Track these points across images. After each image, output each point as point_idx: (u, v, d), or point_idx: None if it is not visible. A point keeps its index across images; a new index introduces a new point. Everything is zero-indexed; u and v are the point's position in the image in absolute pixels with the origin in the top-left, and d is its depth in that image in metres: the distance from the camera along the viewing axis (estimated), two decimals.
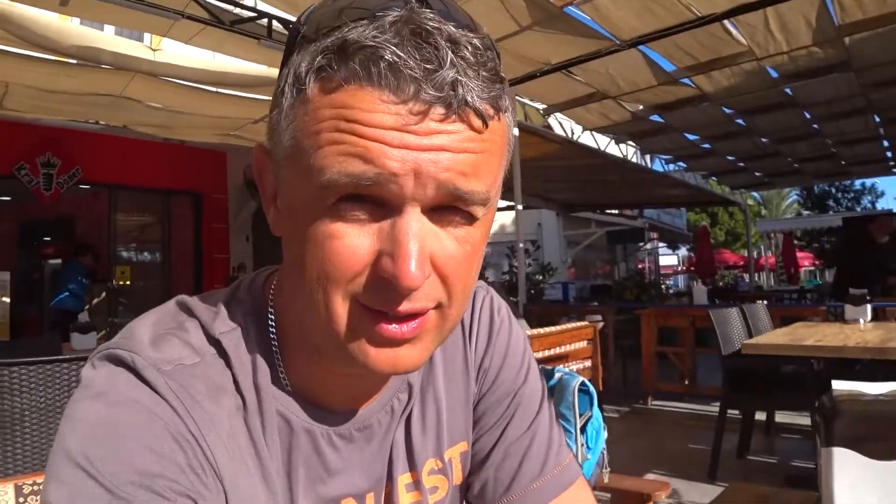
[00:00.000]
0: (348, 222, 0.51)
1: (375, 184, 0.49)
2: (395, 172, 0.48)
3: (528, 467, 0.73)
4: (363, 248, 0.51)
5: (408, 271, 0.49)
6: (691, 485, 3.86)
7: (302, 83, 0.51)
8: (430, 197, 0.50)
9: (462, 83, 0.49)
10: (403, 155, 0.48)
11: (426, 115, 0.48)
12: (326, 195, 0.50)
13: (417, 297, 0.52)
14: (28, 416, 2.06)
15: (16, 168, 7.73)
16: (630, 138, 8.77)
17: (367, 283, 0.52)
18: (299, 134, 0.52)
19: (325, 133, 0.50)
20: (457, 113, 0.49)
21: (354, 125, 0.48)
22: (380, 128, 0.48)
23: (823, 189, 30.28)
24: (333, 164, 0.49)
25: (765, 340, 3.79)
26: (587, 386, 1.86)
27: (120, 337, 0.59)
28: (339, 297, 0.52)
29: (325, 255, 0.51)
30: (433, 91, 0.48)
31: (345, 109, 0.49)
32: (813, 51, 5.52)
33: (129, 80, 5.18)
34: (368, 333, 0.53)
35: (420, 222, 0.51)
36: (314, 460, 0.62)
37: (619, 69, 5.81)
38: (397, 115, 0.48)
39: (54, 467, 0.52)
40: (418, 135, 0.48)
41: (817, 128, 8.16)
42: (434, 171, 0.49)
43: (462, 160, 0.50)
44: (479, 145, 0.51)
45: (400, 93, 0.48)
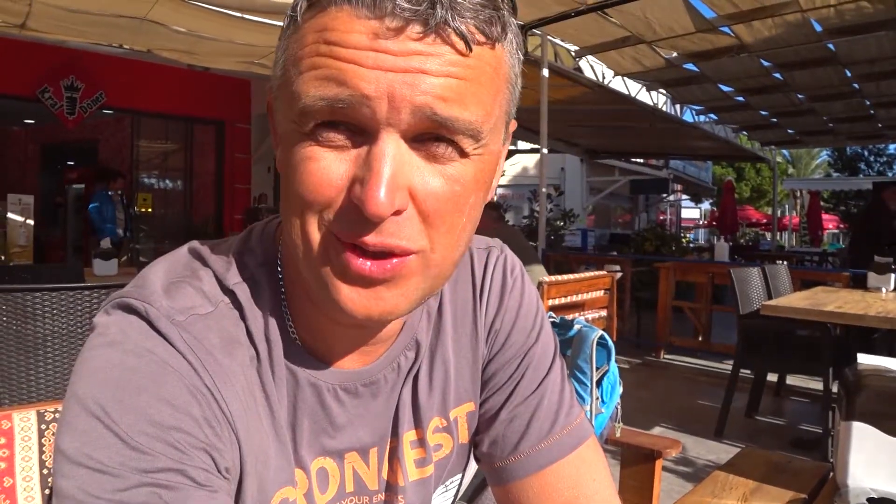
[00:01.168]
0: (325, 147, 0.50)
1: (349, 107, 0.48)
2: (368, 94, 0.47)
3: (536, 426, 0.72)
4: (337, 173, 0.50)
5: (375, 196, 0.47)
6: (698, 441, 3.91)
7: (295, 12, 0.52)
8: (406, 122, 0.48)
9: (442, 2, 0.47)
10: (377, 76, 0.47)
11: (402, 32, 0.47)
12: (304, 121, 0.49)
13: (391, 232, 0.50)
14: (50, 342, 2.09)
15: (40, 91, 7.72)
16: (662, 86, 8.54)
17: (340, 211, 0.50)
18: (288, 63, 0.52)
19: (307, 58, 0.49)
20: (436, 33, 0.47)
21: (333, 47, 0.48)
22: (355, 48, 0.47)
23: (856, 151, 29.51)
24: (310, 88, 0.48)
25: (784, 303, 3.76)
26: (606, 339, 1.86)
27: (133, 285, 0.58)
28: (314, 225, 0.51)
29: (300, 178, 0.51)
30: (409, 5, 0.46)
31: (326, 32, 0.49)
32: (862, 5, 5.28)
33: (153, 3, 5.09)
34: (340, 267, 0.52)
35: (397, 149, 0.49)
36: (319, 414, 0.62)
37: (656, 13, 5.61)
38: (373, 34, 0.47)
39: (68, 414, 0.51)
40: (394, 55, 0.47)
41: (857, 87, 7.89)
42: (409, 94, 0.47)
43: (442, 84, 0.48)
44: (464, 71, 0.49)
45: (377, 10, 0.47)
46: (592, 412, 1.79)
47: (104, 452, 0.49)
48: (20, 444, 0.96)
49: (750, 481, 1.14)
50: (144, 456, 0.49)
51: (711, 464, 3.54)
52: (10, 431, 0.96)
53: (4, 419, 0.96)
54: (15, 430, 0.96)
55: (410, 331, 0.68)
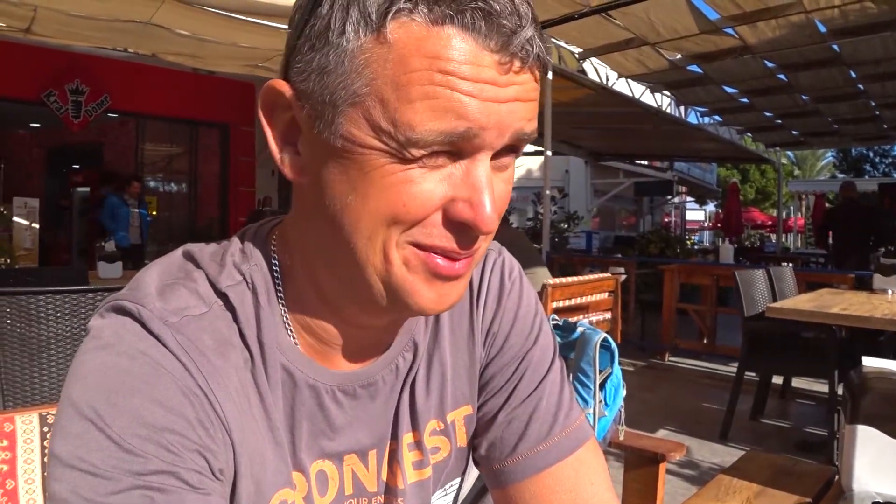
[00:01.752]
0: (424, 168, 0.51)
1: (461, 138, 0.50)
2: (484, 126, 0.50)
3: (534, 429, 0.72)
4: (438, 194, 0.52)
5: (486, 216, 0.52)
6: (702, 443, 3.89)
7: (378, 24, 0.48)
8: (501, 144, 0.52)
9: (535, 39, 0.50)
10: (489, 109, 0.49)
11: (510, 68, 0.50)
12: (413, 149, 0.50)
13: (480, 238, 0.55)
14: (54, 345, 2.10)
15: (45, 94, 7.75)
16: (666, 88, 8.53)
17: (434, 227, 0.53)
18: (380, 82, 0.49)
19: (417, 86, 0.48)
20: (529, 67, 0.51)
21: (450, 78, 0.48)
22: (472, 80, 0.48)
23: (861, 152, 29.43)
24: (426, 121, 0.48)
25: (789, 305, 3.75)
26: (609, 342, 1.85)
27: (127, 288, 0.58)
28: (396, 237, 0.53)
29: (399, 198, 0.51)
30: (519, 45, 0.49)
31: (439, 60, 0.48)
32: (867, 6, 5.26)
33: (158, 6, 5.10)
34: (425, 272, 0.54)
35: (488, 168, 0.53)
36: (318, 416, 0.62)
37: (660, 15, 5.61)
38: (487, 67, 0.49)
39: (62, 418, 0.51)
40: (501, 86, 0.50)
41: (861, 88, 7.87)
42: (511, 122, 0.51)
43: (529, 108, 0.53)
44: (536, 93, 0.54)
45: (490, 43, 0.49)
46: (595, 415, 1.78)
47: (97, 455, 0.49)
48: (22, 446, 0.96)
49: (754, 485, 1.14)
50: (137, 458, 0.49)
51: (716, 467, 3.53)
52: (13, 434, 0.96)
53: (7, 422, 0.96)
54: (17, 433, 0.96)
55: (408, 333, 0.68)
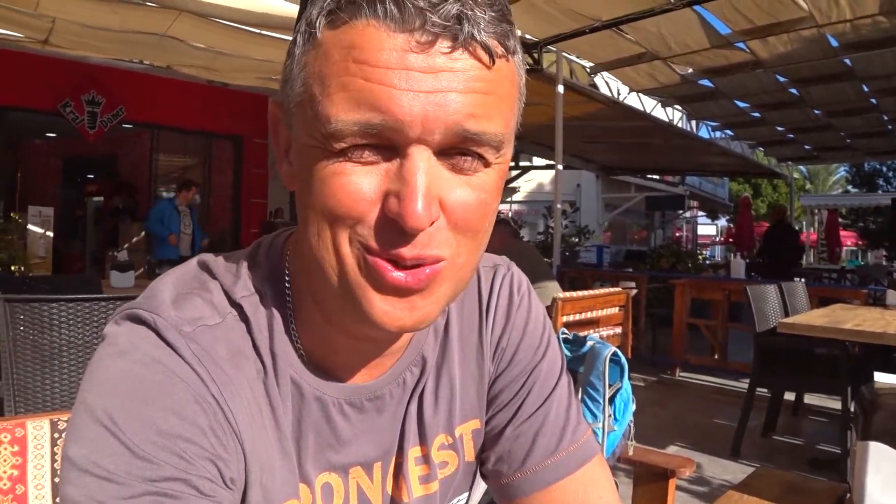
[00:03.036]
0: (355, 163, 0.50)
1: (382, 130, 0.48)
2: (401, 119, 0.48)
3: (542, 443, 0.72)
4: (370, 188, 0.50)
5: (414, 210, 0.48)
6: (713, 460, 3.85)
7: (313, 27, 0.51)
8: (438, 140, 0.49)
9: (468, 16, 0.48)
10: (410, 99, 0.47)
11: (431, 47, 0.47)
12: (334, 142, 0.49)
13: (425, 244, 0.51)
14: (66, 352, 2.12)
15: (61, 105, 7.83)
16: (677, 102, 8.52)
17: (374, 225, 0.51)
18: (310, 80, 0.51)
19: (335, 77, 0.49)
20: (463, 47, 0.48)
21: (363, 66, 0.48)
22: (386, 67, 0.47)
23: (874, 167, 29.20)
24: (341, 111, 0.48)
25: (802, 320, 3.72)
26: (619, 356, 1.85)
27: (143, 297, 0.59)
28: (345, 239, 0.52)
29: (329, 193, 0.51)
30: (439, 20, 0.47)
31: (353, 49, 0.48)
32: (878, 20, 5.25)
33: (173, 19, 5.17)
34: (374, 280, 0.52)
35: (428, 163, 0.50)
36: (324, 428, 0.62)
37: (671, 29, 5.61)
38: (403, 51, 0.47)
39: (76, 423, 0.52)
40: (424, 72, 0.47)
41: (874, 102, 7.83)
42: (442, 115, 0.48)
43: (471, 101, 0.49)
44: (488, 85, 0.50)
45: (405, 24, 0.47)
46: (605, 429, 1.78)
47: (111, 460, 0.49)
48: (33, 451, 0.97)
49: (765, 501, 1.13)
50: (150, 465, 0.49)
51: (727, 483, 3.49)
52: (24, 439, 0.97)
53: (18, 427, 0.97)
54: (28, 439, 0.97)
55: (417, 346, 0.68)
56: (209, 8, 4.95)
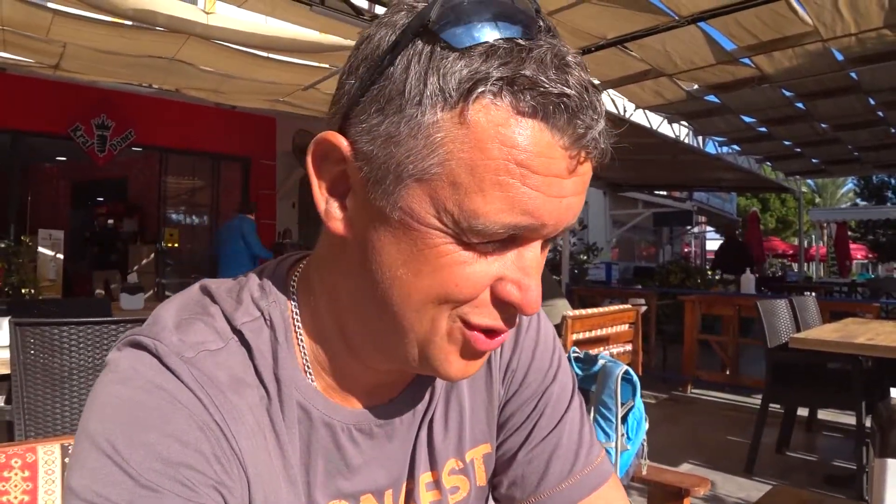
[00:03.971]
0: (479, 253, 0.51)
1: (524, 231, 0.50)
2: (546, 223, 0.50)
3: (555, 467, 0.72)
4: (488, 275, 0.52)
5: (533, 299, 0.52)
6: (727, 478, 3.81)
7: (455, 101, 0.47)
8: (553, 234, 0.53)
9: (602, 130, 0.50)
10: (553, 205, 0.49)
11: (578, 162, 0.50)
12: (474, 237, 0.50)
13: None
14: (76, 375, 2.12)
15: (72, 129, 7.92)
16: (684, 118, 8.52)
17: (481, 305, 0.53)
18: (454, 164, 0.48)
19: (492, 175, 0.47)
20: (592, 157, 0.51)
21: (525, 171, 0.48)
22: (545, 175, 0.48)
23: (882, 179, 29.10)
24: (494, 213, 0.48)
25: (814, 335, 3.69)
26: (630, 375, 1.83)
27: (146, 324, 0.59)
28: (446, 315, 0.53)
29: (451, 280, 0.51)
30: (590, 141, 0.49)
31: (517, 150, 0.47)
32: (883, 33, 5.25)
33: (182, 43, 5.23)
34: (464, 346, 0.55)
35: (538, 253, 0.53)
36: (334, 454, 0.62)
37: (676, 46, 5.63)
38: (559, 159, 0.49)
39: (79, 452, 0.52)
40: (564, 180, 0.50)
41: (882, 115, 7.81)
42: (567, 217, 0.52)
43: (581, 201, 0.52)
44: (587, 183, 0.53)
45: (564, 137, 0.48)
46: (618, 449, 1.76)
47: (113, 490, 0.49)
48: (43, 476, 0.96)
49: None
50: (154, 494, 0.49)
51: (742, 502, 3.45)
52: (35, 465, 0.96)
53: (29, 452, 0.97)
54: (39, 464, 0.97)
55: None
56: (217, 32, 5.01)
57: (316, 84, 6.37)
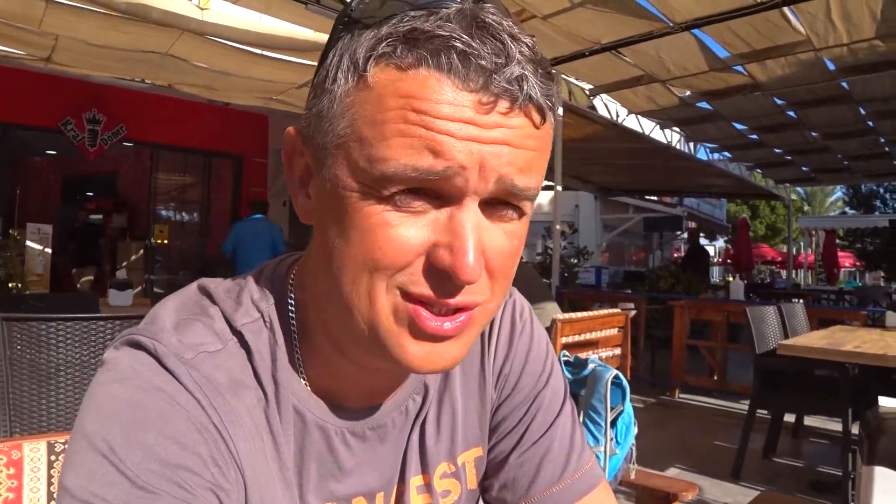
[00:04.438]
0: (403, 212, 0.50)
1: (442, 178, 0.48)
2: (464, 165, 0.48)
3: (546, 471, 0.72)
4: (417, 239, 0.50)
5: (467, 265, 0.49)
6: (714, 482, 3.82)
7: (362, 69, 0.50)
8: (489, 191, 0.50)
9: (527, 78, 0.49)
10: (470, 148, 0.48)
11: (493, 107, 0.48)
12: (387, 185, 0.49)
13: (468, 291, 0.52)
14: (63, 372, 2.10)
15: (62, 123, 7.86)
16: (676, 124, 8.57)
17: (417, 273, 0.51)
18: (359, 122, 0.50)
19: (392, 124, 0.48)
20: (520, 107, 0.49)
21: (424, 117, 0.48)
22: (449, 119, 0.48)
23: (871, 188, 29.35)
24: (400, 156, 0.48)
25: (802, 342, 3.71)
26: (620, 379, 1.84)
27: (143, 323, 0.58)
28: (384, 285, 0.51)
29: (375, 244, 0.50)
30: (504, 83, 0.48)
31: (413, 99, 0.48)
32: (875, 44, 5.29)
33: (175, 39, 5.20)
34: (409, 327, 0.52)
35: (477, 216, 0.50)
36: (327, 457, 0.62)
37: (670, 52, 5.66)
38: (466, 107, 0.48)
39: (75, 451, 0.51)
40: (483, 127, 0.48)
41: (872, 125, 7.88)
42: (497, 164, 0.49)
43: (521, 156, 0.50)
44: (535, 142, 0.51)
45: (470, 83, 0.48)
46: (607, 453, 1.76)
47: (109, 490, 0.48)
48: (29, 474, 0.95)
49: None
50: (150, 495, 0.48)
51: None
52: (20, 462, 0.95)
53: (14, 449, 0.96)
54: (24, 461, 0.96)
55: (419, 375, 0.68)
56: (211, 28, 4.99)
57: (310, 82, 6.35)
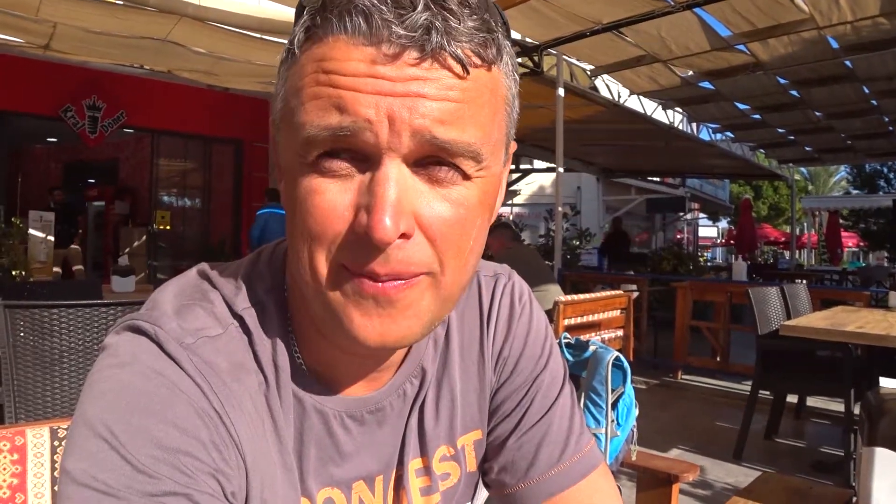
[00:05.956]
0: (328, 177, 0.50)
1: (351, 133, 0.48)
2: (369, 119, 0.47)
3: (545, 454, 0.72)
4: (343, 204, 0.50)
5: (381, 222, 0.47)
6: (716, 463, 3.84)
7: (292, 45, 0.52)
8: (407, 146, 0.48)
9: (436, 26, 0.47)
10: (377, 101, 0.47)
11: (399, 58, 0.47)
12: (308, 150, 0.50)
13: (399, 259, 0.50)
14: (67, 358, 2.11)
15: (62, 110, 7.85)
16: (678, 104, 8.53)
17: (347, 241, 0.50)
18: (288, 94, 0.52)
19: (307, 88, 0.50)
20: (433, 58, 0.48)
21: (331, 76, 0.48)
22: (353, 75, 0.47)
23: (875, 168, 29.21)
24: (313, 117, 0.49)
25: (804, 323, 3.71)
26: (621, 361, 1.84)
27: (144, 308, 0.58)
28: (323, 257, 0.51)
29: (307, 211, 0.50)
30: (405, 32, 0.47)
31: (323, 62, 0.49)
32: (879, 22, 5.25)
33: (174, 24, 5.18)
34: (352, 295, 0.51)
35: (400, 174, 0.49)
36: (326, 442, 0.62)
37: (671, 32, 5.62)
38: (370, 61, 0.47)
39: (75, 436, 0.51)
40: (392, 80, 0.47)
41: (875, 104, 7.83)
42: (408, 117, 0.47)
43: (439, 107, 0.48)
44: (461, 94, 0.49)
45: (373, 38, 0.47)
46: (608, 435, 1.77)
47: (110, 474, 0.48)
48: (32, 460, 0.96)
49: None
50: (151, 479, 0.48)
51: (730, 487, 3.48)
52: (24, 447, 0.96)
53: (18, 435, 0.96)
54: (28, 447, 0.96)
55: (416, 357, 0.68)
56: (210, 13, 4.96)
57: None
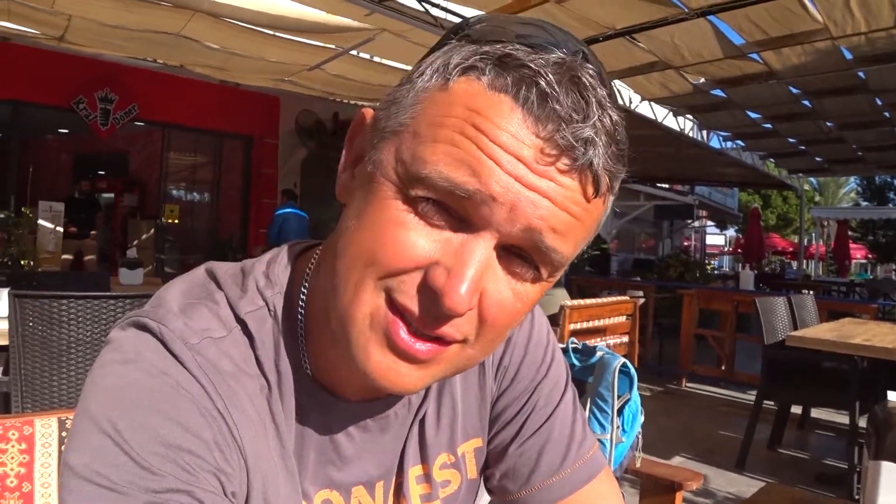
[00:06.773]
0: (421, 220, 0.49)
1: (469, 199, 0.47)
2: (495, 197, 0.47)
3: (546, 461, 0.72)
4: (424, 251, 0.49)
5: (457, 293, 0.47)
6: (719, 472, 3.83)
7: (448, 73, 0.49)
8: (512, 235, 0.48)
9: (596, 145, 0.47)
10: (510, 183, 0.47)
11: (553, 162, 0.47)
12: (414, 186, 0.48)
13: (452, 324, 0.50)
14: (74, 349, 2.12)
15: (74, 101, 7.89)
16: (689, 112, 8.50)
17: (408, 283, 0.49)
18: (421, 117, 0.50)
19: (448, 130, 0.48)
20: (577, 170, 0.48)
21: (481, 136, 0.47)
22: (502, 147, 0.46)
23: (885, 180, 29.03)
24: (440, 162, 0.47)
25: (811, 334, 3.69)
26: (628, 367, 1.84)
27: (150, 305, 0.58)
28: (371, 284, 0.50)
29: (380, 237, 0.49)
30: (570, 137, 0.47)
31: (478, 115, 0.47)
32: (894, 33, 5.21)
33: (188, 19, 5.19)
34: (383, 335, 0.51)
35: (489, 254, 0.49)
36: (327, 446, 0.62)
37: (685, 39, 5.59)
38: (526, 145, 0.47)
39: (78, 431, 0.51)
40: (533, 172, 0.47)
41: (888, 115, 7.79)
42: (530, 212, 0.47)
43: (559, 216, 0.48)
44: (581, 211, 0.50)
45: (539, 124, 0.47)
46: (613, 441, 1.76)
47: (113, 470, 0.48)
48: (40, 450, 0.97)
49: None
50: (153, 476, 0.49)
51: (732, 496, 3.47)
52: (32, 437, 0.97)
53: (26, 425, 0.97)
54: (36, 437, 0.97)
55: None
56: (224, 9, 4.98)
57: (322, 64, 6.34)
